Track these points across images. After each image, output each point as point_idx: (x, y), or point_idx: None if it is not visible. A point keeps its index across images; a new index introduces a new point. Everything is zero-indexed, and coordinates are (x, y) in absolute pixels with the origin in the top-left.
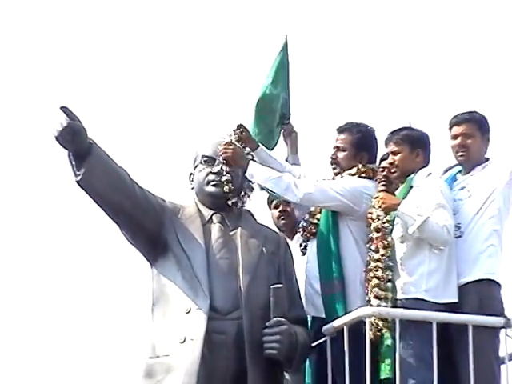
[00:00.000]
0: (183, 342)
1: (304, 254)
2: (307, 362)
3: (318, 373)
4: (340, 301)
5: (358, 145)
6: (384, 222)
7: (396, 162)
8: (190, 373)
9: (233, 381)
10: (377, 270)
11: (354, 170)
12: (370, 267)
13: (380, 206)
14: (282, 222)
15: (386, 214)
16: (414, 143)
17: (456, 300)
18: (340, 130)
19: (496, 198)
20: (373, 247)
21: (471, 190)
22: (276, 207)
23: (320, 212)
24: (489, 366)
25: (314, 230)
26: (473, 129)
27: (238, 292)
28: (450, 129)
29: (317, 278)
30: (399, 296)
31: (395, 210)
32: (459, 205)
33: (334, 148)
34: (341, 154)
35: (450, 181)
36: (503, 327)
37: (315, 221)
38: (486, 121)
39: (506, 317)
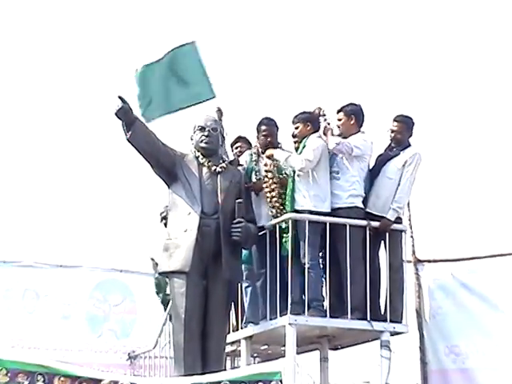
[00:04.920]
0: (185, 231)
1: None
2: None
3: (259, 254)
4: None
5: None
6: (270, 166)
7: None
8: (189, 249)
9: (214, 254)
10: (273, 198)
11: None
12: (268, 195)
13: (267, 156)
14: None
15: (271, 160)
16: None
17: (329, 210)
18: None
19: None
20: (268, 183)
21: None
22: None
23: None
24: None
25: None
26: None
27: (217, 203)
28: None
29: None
30: (300, 208)
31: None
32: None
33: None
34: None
35: None
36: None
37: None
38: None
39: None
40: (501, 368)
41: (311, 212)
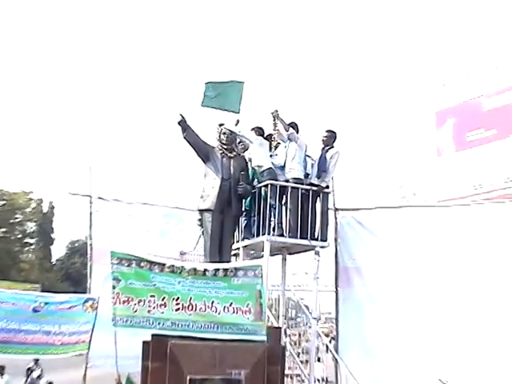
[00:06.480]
0: (213, 187)
1: None
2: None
3: (252, 201)
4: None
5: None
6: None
7: None
8: (214, 197)
9: (227, 200)
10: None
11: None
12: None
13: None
14: None
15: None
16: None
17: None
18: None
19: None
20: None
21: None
22: None
23: None
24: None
25: None
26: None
27: (230, 174)
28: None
29: None
30: (261, 168)
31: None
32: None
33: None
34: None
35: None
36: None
37: None
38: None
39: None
40: (375, 265)
41: (270, 168)
